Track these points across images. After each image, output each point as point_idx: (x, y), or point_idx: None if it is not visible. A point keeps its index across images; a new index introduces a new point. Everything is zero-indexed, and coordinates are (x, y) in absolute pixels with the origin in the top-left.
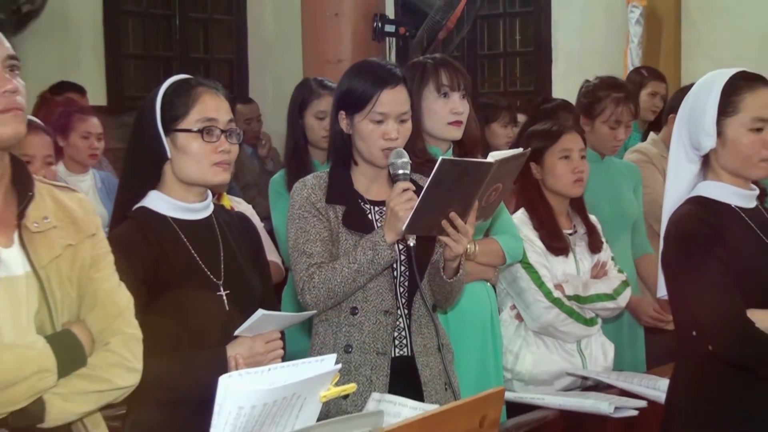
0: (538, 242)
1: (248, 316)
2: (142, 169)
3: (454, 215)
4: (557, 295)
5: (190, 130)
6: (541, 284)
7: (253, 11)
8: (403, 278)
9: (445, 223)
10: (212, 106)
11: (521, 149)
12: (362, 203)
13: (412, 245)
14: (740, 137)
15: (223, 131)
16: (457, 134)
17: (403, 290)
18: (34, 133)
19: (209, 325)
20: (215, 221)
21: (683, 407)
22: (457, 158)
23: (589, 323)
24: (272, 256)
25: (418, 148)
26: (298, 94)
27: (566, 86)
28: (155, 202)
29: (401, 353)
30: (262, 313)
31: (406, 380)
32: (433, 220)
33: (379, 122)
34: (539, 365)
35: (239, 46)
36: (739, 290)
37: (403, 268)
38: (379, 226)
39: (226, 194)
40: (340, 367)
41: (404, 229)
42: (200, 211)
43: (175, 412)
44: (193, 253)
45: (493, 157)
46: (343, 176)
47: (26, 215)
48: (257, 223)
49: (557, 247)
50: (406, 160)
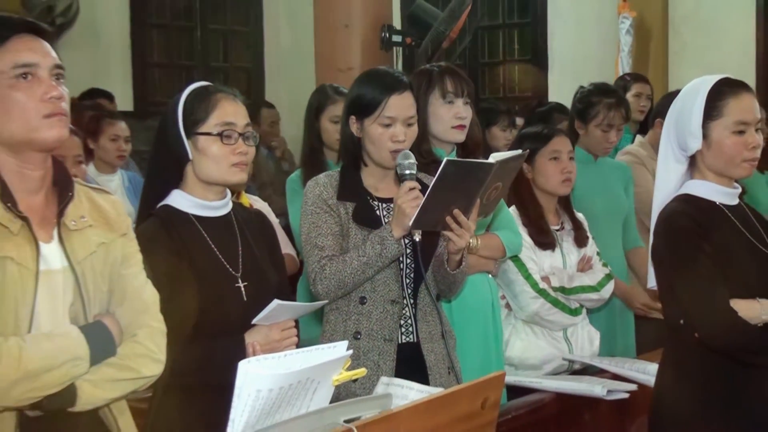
0: (526, 237)
1: (265, 306)
2: (165, 169)
3: (457, 212)
4: (543, 286)
5: (210, 133)
6: (528, 276)
7: (269, 23)
8: (409, 270)
9: (449, 219)
10: (230, 111)
11: (520, 151)
12: (371, 200)
13: (417, 240)
14: (724, 139)
15: (240, 134)
16: (460, 137)
17: (409, 281)
18: None
19: (228, 314)
20: (234, 218)
21: (671, 390)
22: (460, 159)
23: (573, 313)
24: (288, 249)
25: (424, 149)
26: (314, 99)
27: (561, 91)
28: (178, 200)
29: (407, 340)
30: (277, 303)
31: (412, 365)
32: (437, 216)
33: (387, 126)
34: (528, 351)
35: (256, 55)
36: (723, 282)
37: (409, 260)
38: (386, 221)
39: (244, 193)
40: (351, 353)
41: (411, 224)
42: (220, 208)
43: (197, 395)
44: (213, 247)
45: (493, 158)
46: (353, 175)
47: (65, 214)
48: (273, 219)
49: (544, 242)
50: (412, 160)
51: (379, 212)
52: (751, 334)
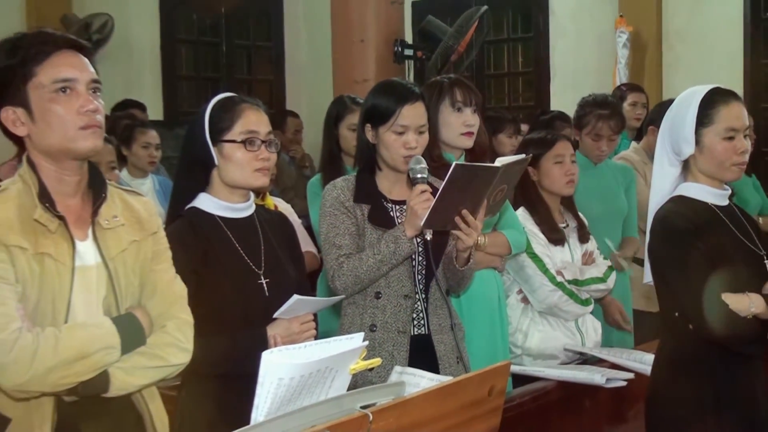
0: (540, 235)
1: (285, 300)
2: (193, 174)
3: (465, 212)
4: (560, 279)
5: (234, 140)
6: (545, 271)
7: (289, 38)
8: (420, 267)
9: (457, 219)
10: (254, 119)
11: (524, 155)
12: (385, 203)
13: (429, 239)
14: (715, 145)
15: (263, 141)
16: (469, 143)
17: (420, 277)
18: None
19: (251, 308)
20: (256, 219)
21: (666, 378)
22: (468, 163)
23: (584, 303)
24: (309, 247)
25: (435, 154)
26: (333, 109)
27: (563, 101)
28: (204, 202)
29: (419, 332)
30: (296, 298)
31: (423, 355)
32: (447, 216)
33: (400, 133)
34: (545, 341)
35: (277, 68)
36: (715, 277)
37: (420, 258)
38: (400, 222)
39: (269, 195)
40: (367, 344)
41: (422, 224)
42: (243, 210)
43: (222, 383)
44: (237, 246)
45: (499, 162)
46: (368, 179)
47: (99, 213)
48: (294, 220)
49: (556, 238)
50: (423, 165)
51: (392, 213)
52: (740, 325)
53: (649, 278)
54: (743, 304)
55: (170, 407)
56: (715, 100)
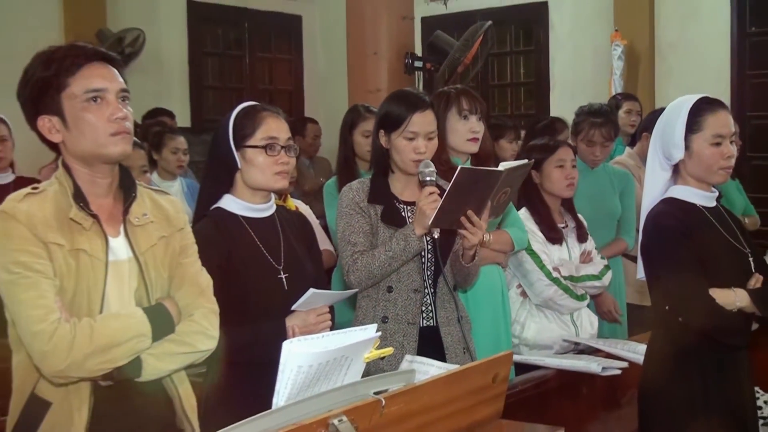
0: (539, 233)
1: (303, 294)
2: (218, 177)
3: (471, 213)
4: (555, 275)
5: (256, 146)
6: (542, 266)
7: (308, 52)
8: (429, 263)
9: (463, 219)
10: (274, 126)
11: (526, 160)
12: (397, 203)
13: (436, 237)
14: (703, 150)
15: (282, 147)
16: (474, 149)
17: (429, 273)
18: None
19: (271, 301)
20: (277, 218)
21: (657, 367)
22: (473, 167)
23: (579, 299)
24: (326, 245)
25: (443, 158)
26: (348, 116)
27: (562, 110)
28: (228, 203)
29: (428, 323)
30: (312, 291)
31: (432, 346)
32: (454, 216)
33: (411, 139)
34: (541, 333)
35: (297, 79)
36: (703, 273)
37: (429, 255)
38: (410, 221)
39: (290, 198)
40: (380, 334)
41: (430, 223)
42: (265, 210)
43: (245, 370)
44: (258, 244)
45: (503, 166)
46: (381, 182)
47: (130, 212)
48: (312, 220)
49: (554, 237)
50: (432, 168)
51: (404, 213)
52: (726, 318)
53: (641, 274)
54: (729, 298)
55: (197, 392)
56: (703, 108)
